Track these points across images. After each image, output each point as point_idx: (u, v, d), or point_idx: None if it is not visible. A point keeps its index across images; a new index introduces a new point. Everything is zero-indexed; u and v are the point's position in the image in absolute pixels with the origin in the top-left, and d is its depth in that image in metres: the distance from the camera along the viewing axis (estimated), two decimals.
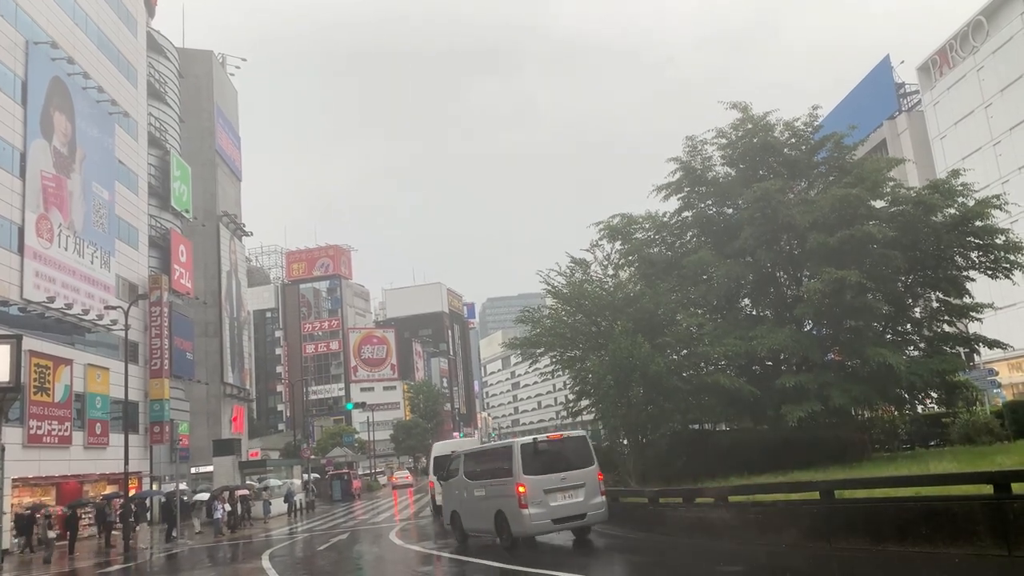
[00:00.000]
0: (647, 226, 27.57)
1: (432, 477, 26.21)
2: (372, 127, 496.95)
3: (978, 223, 22.40)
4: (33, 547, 28.60)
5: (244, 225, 72.37)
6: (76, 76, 40.05)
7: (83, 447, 38.21)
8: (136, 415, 43.94)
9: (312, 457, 63.53)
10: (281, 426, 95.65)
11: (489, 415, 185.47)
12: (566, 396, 30.42)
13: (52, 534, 27.34)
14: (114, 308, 37.31)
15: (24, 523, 29.48)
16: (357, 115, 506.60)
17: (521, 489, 14.73)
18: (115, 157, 44.35)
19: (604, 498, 15.72)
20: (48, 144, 37.20)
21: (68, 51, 39.49)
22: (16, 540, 29.61)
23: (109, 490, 39.47)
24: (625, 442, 25.62)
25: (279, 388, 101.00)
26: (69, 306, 37.47)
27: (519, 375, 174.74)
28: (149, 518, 41.24)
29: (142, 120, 49.50)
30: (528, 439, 16.03)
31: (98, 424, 39.62)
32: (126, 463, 29.91)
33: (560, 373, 29.48)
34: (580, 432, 17.38)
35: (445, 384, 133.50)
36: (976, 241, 22.79)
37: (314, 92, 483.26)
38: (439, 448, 28.08)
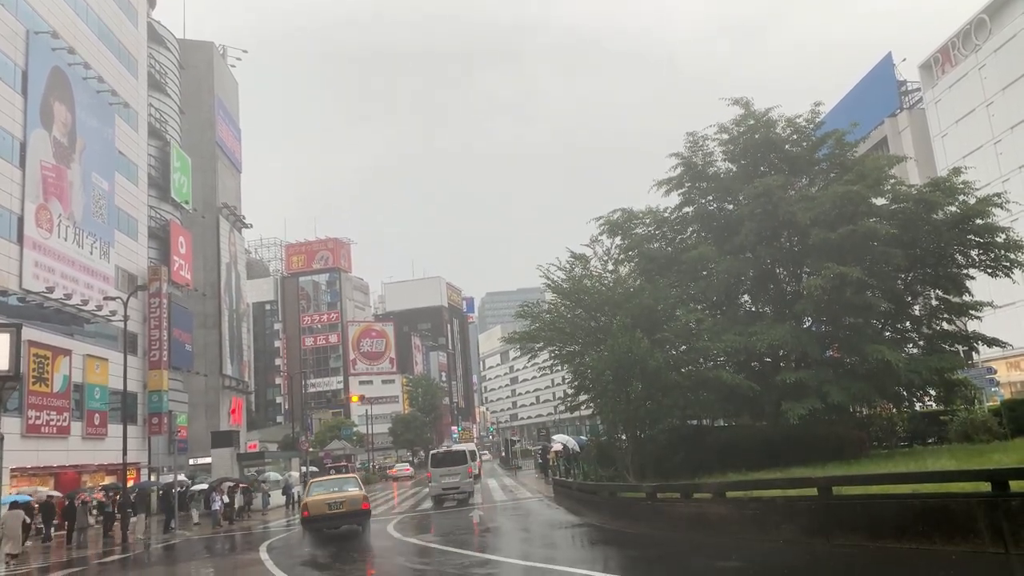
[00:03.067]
0: (647, 221, 27.53)
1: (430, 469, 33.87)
2: (373, 122, 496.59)
3: (979, 221, 22.40)
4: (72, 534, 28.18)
5: (244, 217, 72.30)
6: (76, 66, 39.96)
7: (81, 437, 38.25)
8: (135, 406, 43.97)
9: (310, 450, 63.57)
10: (280, 418, 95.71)
11: (488, 409, 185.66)
12: (564, 391, 30.42)
13: (90, 519, 27.49)
14: (113, 299, 37.28)
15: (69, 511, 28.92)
16: (358, 109, 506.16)
17: (428, 473, 32.56)
18: (115, 148, 44.27)
19: (472, 479, 32.16)
20: (48, 134, 37.13)
21: (69, 41, 39.39)
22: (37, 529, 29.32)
23: (107, 480, 39.52)
24: (624, 437, 25.63)
25: (278, 380, 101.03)
26: (68, 296, 37.45)
27: (518, 370, 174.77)
28: (149, 509, 41.31)
29: (142, 111, 49.40)
30: (434, 451, 32.85)
31: (96, 415, 39.65)
32: (124, 454, 29.93)
33: (559, 368, 29.48)
34: (468, 445, 31.44)
35: (444, 378, 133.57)
36: (976, 239, 22.79)
37: (315, 86, 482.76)
38: (435, 453, 36.28)
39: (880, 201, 24.65)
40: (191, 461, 49.11)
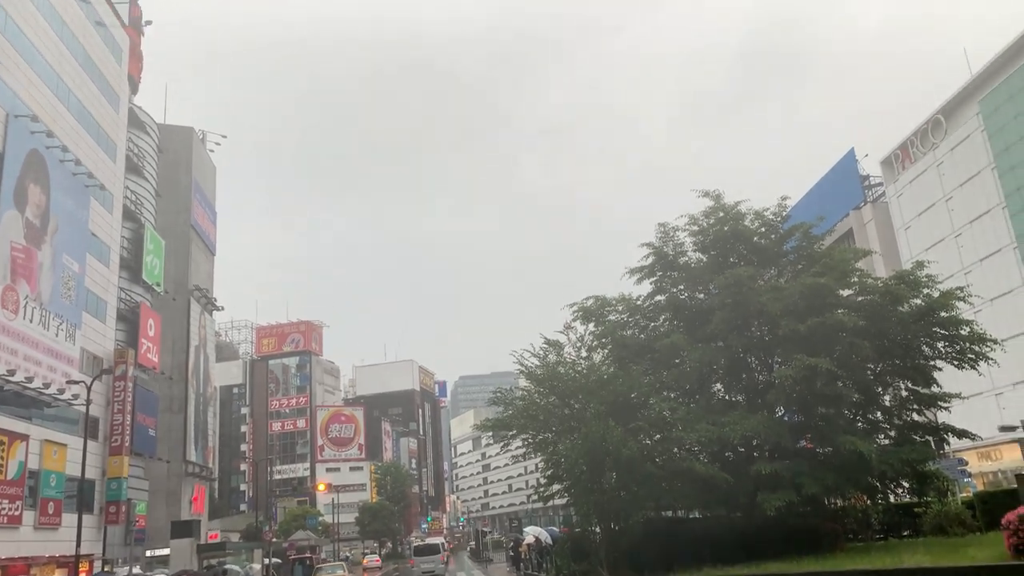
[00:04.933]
0: (620, 308, 27.79)
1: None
2: (349, 203, 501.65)
3: (943, 314, 22.90)
4: None
5: (215, 299, 71.77)
6: (55, 149, 40.16)
7: (33, 527, 36.60)
8: (92, 493, 42.36)
9: (274, 540, 61.35)
10: (243, 506, 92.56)
11: (458, 498, 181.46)
12: (538, 480, 29.95)
13: None
14: (76, 383, 36.40)
15: None
16: (335, 190, 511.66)
17: (411, 561, 49.41)
18: (88, 229, 44.10)
19: (444, 563, 45.36)
20: (20, 215, 36.95)
21: (48, 124, 39.71)
22: None
23: (58, 574, 37.66)
24: (597, 529, 25.15)
25: (243, 467, 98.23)
26: (30, 379, 36.52)
27: (490, 456, 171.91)
28: None
29: (118, 193, 49.51)
30: (416, 544, 47.08)
31: (51, 503, 38.09)
32: (78, 545, 28.67)
33: (532, 456, 29.10)
34: (439, 539, 54.04)
35: (414, 465, 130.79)
36: (942, 332, 23.25)
37: (292, 166, 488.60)
38: (417, 546, 50.68)
39: (847, 292, 25.19)
40: (148, 552, 47.10)
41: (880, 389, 25.00)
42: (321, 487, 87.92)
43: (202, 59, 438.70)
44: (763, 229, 26.45)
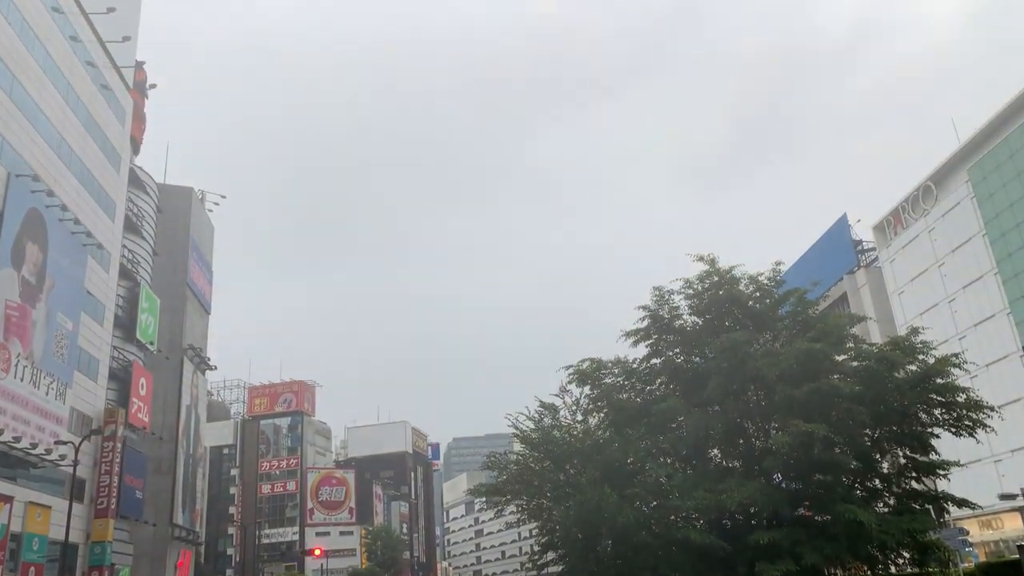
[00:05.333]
0: (616, 371, 27.70)
1: None
2: (342, 263, 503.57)
3: (939, 380, 22.87)
4: None
5: (209, 359, 71.29)
6: (54, 208, 40.43)
7: None
8: (75, 558, 41.29)
9: None
10: (230, 572, 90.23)
11: (450, 565, 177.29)
12: (532, 547, 29.35)
13: None
14: (64, 443, 35.87)
15: None
16: (331, 249, 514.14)
17: None
18: (84, 288, 44.07)
19: None
20: (16, 273, 36.98)
21: (49, 183, 40.07)
22: None
23: None
24: None
25: (230, 530, 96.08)
26: (17, 439, 35.97)
27: (483, 521, 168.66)
28: None
29: (115, 252, 49.67)
30: None
31: (32, 568, 37.07)
32: None
33: (526, 522, 28.60)
34: None
35: (405, 530, 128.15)
36: (938, 398, 23.18)
37: (289, 225, 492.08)
38: None
39: (842, 357, 25.18)
40: None
41: (878, 456, 24.78)
42: (317, 552, 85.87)
43: (203, 120, 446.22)
44: (758, 294, 26.58)
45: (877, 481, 24.72)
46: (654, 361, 27.55)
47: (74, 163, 43.82)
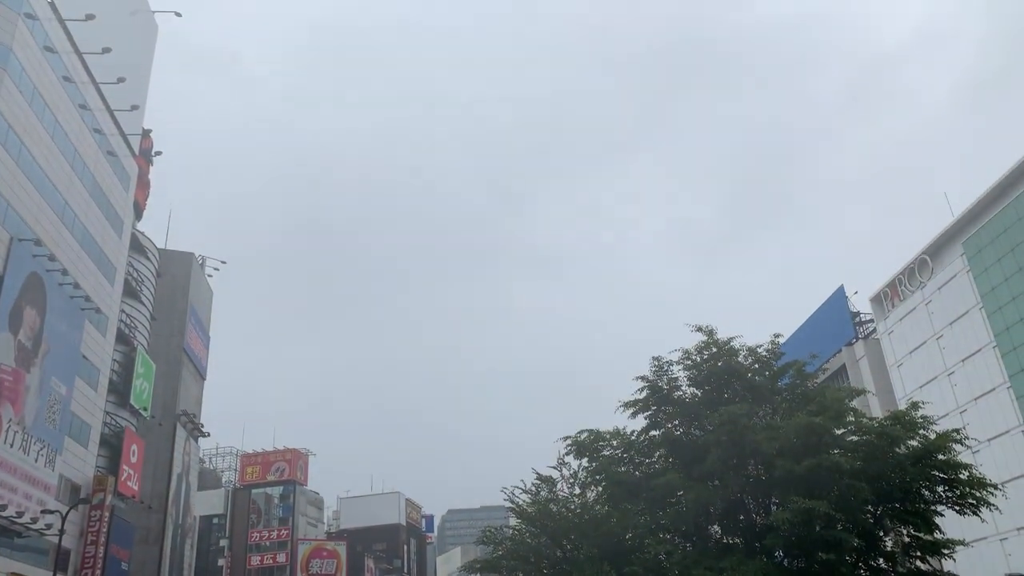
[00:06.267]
0: (615, 443, 27.42)
1: None
2: (340, 327, 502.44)
3: (941, 456, 22.59)
4: None
5: (202, 425, 70.48)
6: (55, 272, 40.57)
7: None
8: None
9: None
10: None
11: None
12: None
13: None
14: (51, 512, 35.12)
15: None
16: (327, 317, 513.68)
17: None
18: (80, 352, 43.85)
19: None
20: (13, 338, 36.84)
21: (51, 248, 40.30)
22: None
23: None
24: None
25: None
26: (3, 507, 35.21)
27: None
28: None
29: (113, 316, 49.61)
30: None
31: None
32: None
33: None
34: None
35: None
36: (941, 475, 22.86)
37: (286, 292, 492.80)
38: None
39: (842, 431, 24.93)
40: None
41: (881, 534, 24.29)
42: None
43: (202, 186, 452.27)
44: (756, 366, 26.52)
45: (881, 560, 24.18)
46: (653, 433, 27.29)
47: (77, 228, 44.18)
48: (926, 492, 23.29)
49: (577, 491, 26.76)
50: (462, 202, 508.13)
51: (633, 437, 27.47)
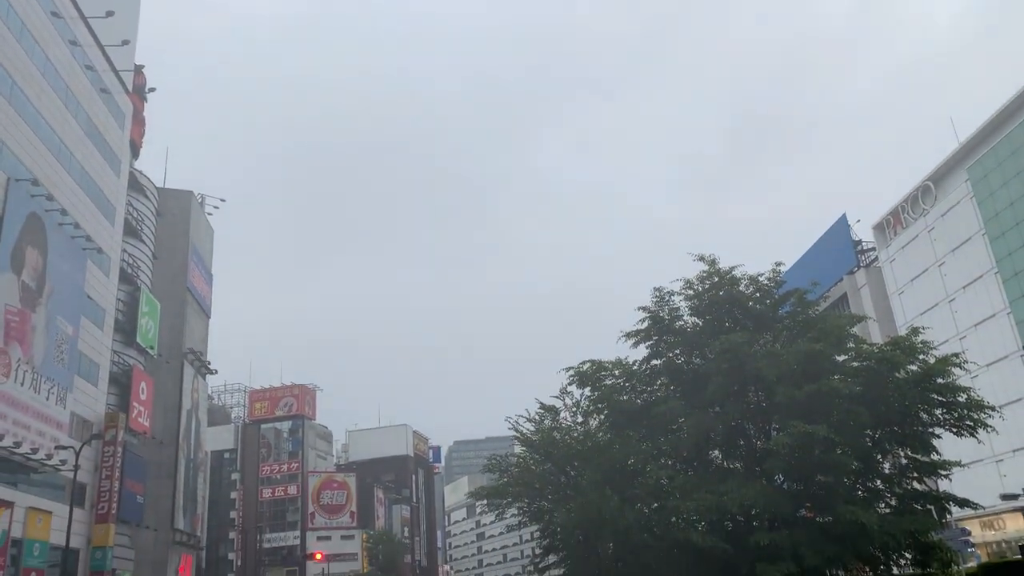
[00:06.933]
0: (616, 373, 27.67)
1: None
2: (345, 262, 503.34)
3: (940, 380, 22.84)
4: None
5: (209, 363, 71.26)
6: (54, 212, 40.43)
7: None
8: (75, 563, 41.24)
9: None
10: None
11: (452, 568, 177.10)
12: (533, 549, 29.31)
13: None
14: (65, 448, 35.85)
15: None
16: (331, 252, 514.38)
17: None
18: (84, 292, 44.06)
19: None
20: (16, 278, 36.97)
21: (48, 188, 40.08)
22: None
23: None
24: None
25: (231, 535, 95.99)
26: (18, 444, 35.95)
27: (484, 524, 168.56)
28: None
29: (115, 256, 49.67)
30: None
31: (33, 573, 37.02)
32: None
33: (527, 525, 28.55)
34: None
35: (406, 533, 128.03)
36: (939, 398, 23.15)
37: (291, 225, 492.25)
38: None
39: (843, 358, 25.15)
40: None
41: (879, 456, 24.74)
42: (318, 556, 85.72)
43: (199, 121, 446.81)
44: (758, 294, 26.56)
45: (879, 482, 24.68)
46: (654, 362, 27.53)
47: (74, 167, 43.83)
48: (924, 415, 23.63)
49: (580, 420, 27.16)
50: (463, 137, 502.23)
51: (635, 367, 27.71)
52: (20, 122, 38.24)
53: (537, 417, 26.87)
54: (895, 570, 25.69)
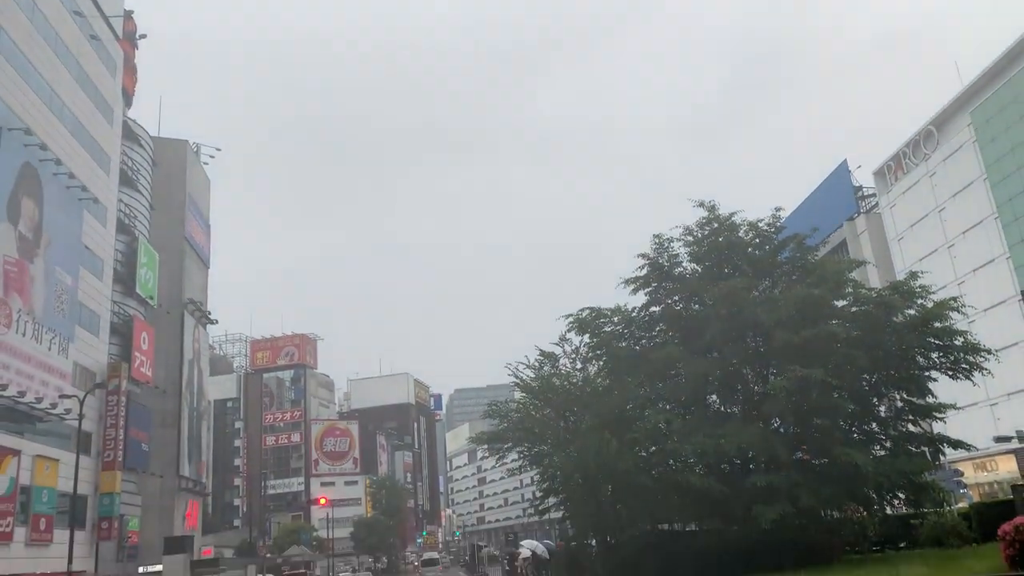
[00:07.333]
0: (615, 320, 27.77)
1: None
2: (344, 212, 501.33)
3: (937, 324, 22.94)
4: None
5: (209, 313, 71.48)
6: (48, 162, 40.06)
7: (24, 544, 36.24)
8: (84, 510, 41.98)
9: (268, 556, 60.92)
10: (237, 522, 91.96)
11: (454, 512, 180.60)
12: (533, 493, 29.81)
13: None
14: (69, 397, 36.16)
15: None
16: (330, 200, 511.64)
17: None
18: (82, 243, 43.94)
19: (441, 571, 75.77)
20: (13, 229, 36.82)
21: (42, 137, 39.63)
22: None
23: None
24: (593, 542, 25.05)
25: (237, 482, 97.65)
26: (22, 394, 36.28)
27: (485, 470, 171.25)
28: None
29: (112, 206, 49.39)
30: (424, 557, 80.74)
31: (43, 519, 37.74)
32: (70, 562, 28.38)
33: (527, 469, 28.98)
34: (435, 553, 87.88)
35: (409, 479, 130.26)
36: (936, 342, 23.30)
37: (288, 176, 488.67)
38: (424, 559, 71.02)
39: (841, 303, 25.21)
40: (141, 569, 46.64)
41: (875, 400, 24.98)
42: (322, 501, 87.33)
43: (193, 71, 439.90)
44: (757, 240, 26.50)
45: (874, 425, 24.98)
46: (653, 309, 27.60)
47: (66, 116, 43.28)
48: (921, 359, 23.80)
49: (579, 366, 27.36)
50: (462, 86, 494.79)
51: (634, 314, 27.79)
52: (10, 70, 37.62)
53: (537, 364, 27.06)
54: (888, 510, 26.20)
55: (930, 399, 24.32)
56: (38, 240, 38.96)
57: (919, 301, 23.71)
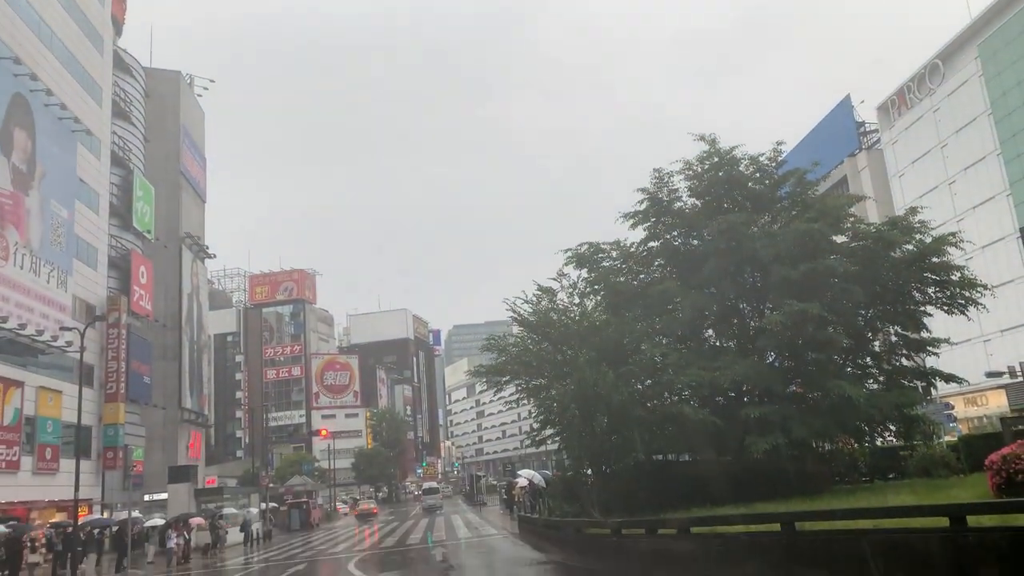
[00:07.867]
0: (614, 255, 27.72)
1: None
2: (341, 148, 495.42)
3: (935, 259, 22.96)
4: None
5: (207, 247, 71.45)
6: (39, 93, 39.43)
7: (31, 472, 37.03)
8: (89, 440, 42.74)
9: (271, 485, 62.24)
10: (240, 453, 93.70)
11: (453, 444, 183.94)
12: (531, 425, 30.28)
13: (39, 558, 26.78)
14: (70, 329, 36.40)
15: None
16: (327, 136, 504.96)
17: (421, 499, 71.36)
18: (76, 175, 43.60)
19: (441, 498, 71.72)
20: (7, 161, 36.47)
21: (31, 67, 38.90)
22: None
23: (58, 517, 38.22)
24: (589, 472, 25.55)
25: (238, 414, 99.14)
26: (23, 326, 36.51)
27: (484, 403, 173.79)
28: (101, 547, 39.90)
29: (105, 138, 48.82)
30: (424, 487, 75.24)
31: (48, 449, 38.46)
32: (76, 489, 28.99)
33: (525, 402, 29.35)
34: (434, 483, 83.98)
35: (409, 412, 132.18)
36: (933, 277, 23.36)
37: (284, 112, 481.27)
38: (425, 488, 70.88)
39: (840, 239, 25.18)
40: (146, 497, 47.76)
41: (870, 334, 25.18)
42: (323, 433, 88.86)
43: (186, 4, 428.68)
44: (757, 174, 26.27)
45: (868, 359, 25.23)
46: (652, 244, 27.51)
47: (56, 45, 42.40)
48: (917, 294, 23.90)
49: (576, 300, 27.39)
50: (462, 22, 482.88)
51: (632, 249, 27.72)
52: None
53: (535, 299, 27.10)
54: (879, 442, 26.69)
55: (925, 334, 24.51)
56: (32, 172, 38.62)
57: (917, 236, 23.68)
